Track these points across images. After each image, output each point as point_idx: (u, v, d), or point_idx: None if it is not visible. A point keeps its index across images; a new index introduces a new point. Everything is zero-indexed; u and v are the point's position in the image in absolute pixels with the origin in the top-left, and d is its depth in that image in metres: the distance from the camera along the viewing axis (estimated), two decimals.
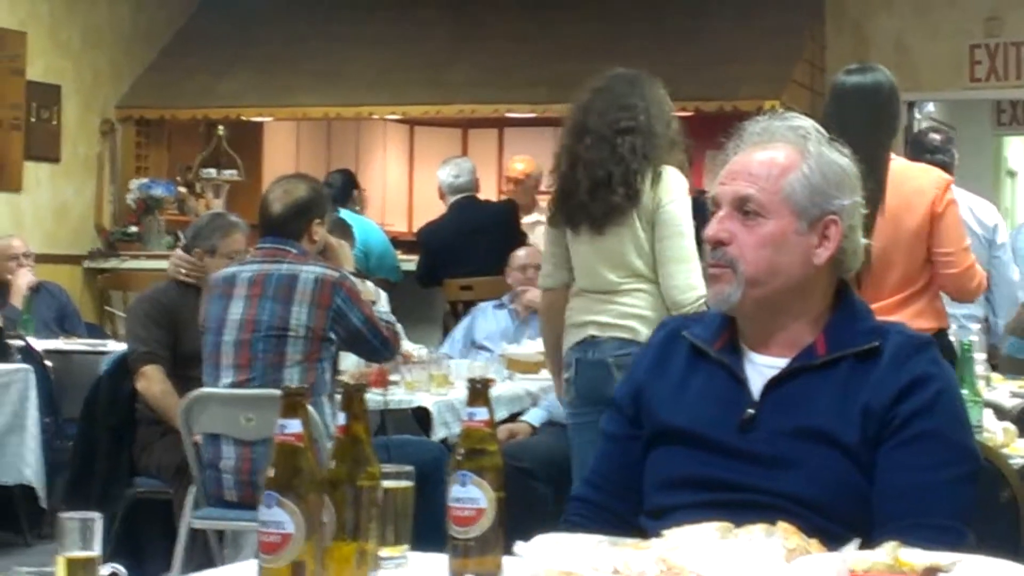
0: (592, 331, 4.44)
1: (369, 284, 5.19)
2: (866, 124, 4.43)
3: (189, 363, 5.34)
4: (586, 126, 4.55)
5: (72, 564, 1.99)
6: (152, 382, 5.44)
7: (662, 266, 4.39)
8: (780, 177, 2.40)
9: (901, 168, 4.56)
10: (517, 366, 6.46)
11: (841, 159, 2.45)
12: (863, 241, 2.47)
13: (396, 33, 11.02)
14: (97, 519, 2.01)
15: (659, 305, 4.38)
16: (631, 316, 4.41)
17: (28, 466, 6.47)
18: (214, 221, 5.90)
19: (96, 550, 2.01)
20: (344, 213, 7.96)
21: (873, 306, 4.32)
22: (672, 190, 4.44)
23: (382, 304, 6.34)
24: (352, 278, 4.99)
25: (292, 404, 1.96)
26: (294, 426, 1.95)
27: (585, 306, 4.50)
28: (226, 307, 4.91)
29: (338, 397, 4.81)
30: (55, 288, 8.45)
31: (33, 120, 10.12)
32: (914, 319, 4.38)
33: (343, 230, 6.47)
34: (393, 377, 5.91)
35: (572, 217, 4.54)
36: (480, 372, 5.88)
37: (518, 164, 9.05)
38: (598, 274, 4.47)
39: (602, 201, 4.45)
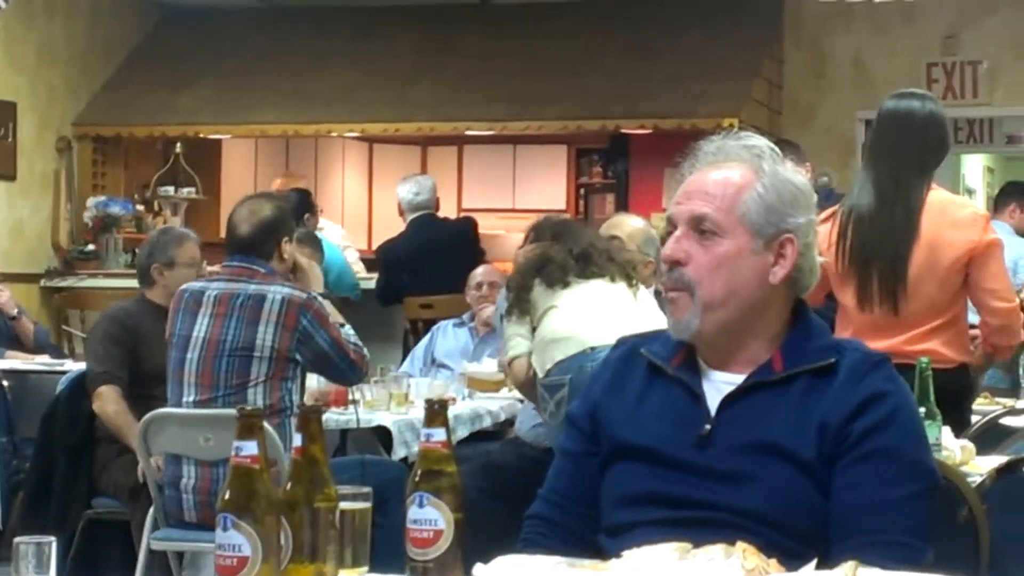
0: None
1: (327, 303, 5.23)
2: (896, 148, 4.53)
3: (151, 382, 5.32)
4: (553, 260, 5.10)
5: None
6: (106, 402, 5.41)
7: None
8: (735, 196, 2.41)
9: (941, 199, 4.60)
10: (477, 384, 6.45)
11: (796, 177, 2.46)
12: (819, 259, 2.48)
13: (355, 51, 11.01)
14: (52, 543, 1.99)
15: None
16: None
17: None
18: (164, 235, 5.93)
19: (52, 574, 1.99)
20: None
21: (905, 336, 4.43)
22: None
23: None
24: (320, 300, 4.98)
25: (248, 426, 1.94)
26: (250, 448, 1.93)
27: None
28: (192, 324, 4.89)
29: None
30: None
31: None
32: (943, 347, 4.48)
33: (312, 244, 6.45)
34: (353, 396, 5.89)
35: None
36: (440, 391, 5.88)
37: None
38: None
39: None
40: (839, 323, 4.62)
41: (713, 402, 2.40)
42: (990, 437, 4.40)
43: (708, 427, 2.38)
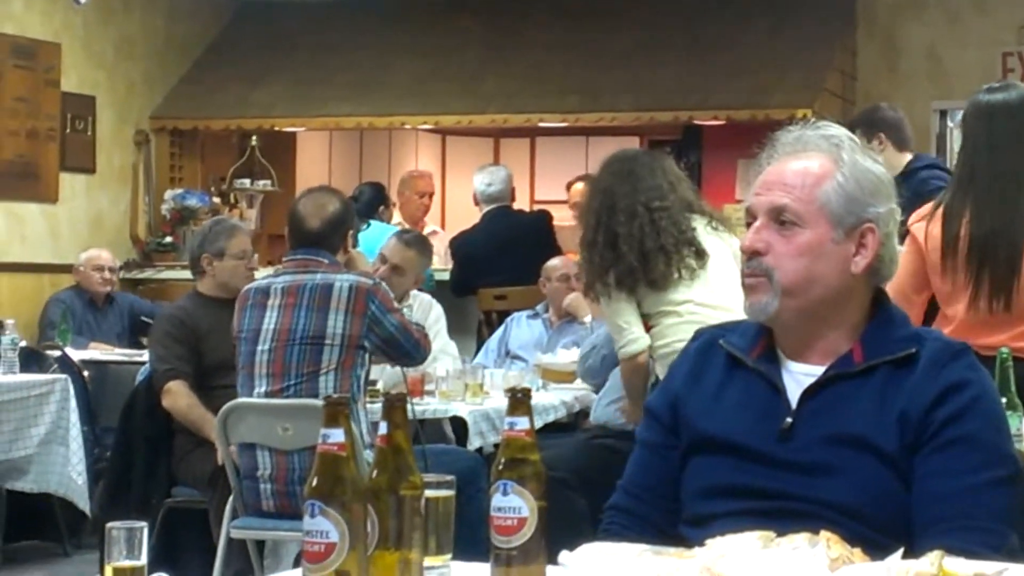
0: None
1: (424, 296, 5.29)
2: (1015, 140, 4.40)
3: (215, 374, 5.40)
4: (616, 206, 4.98)
5: (119, 574, 2.01)
6: (178, 397, 5.47)
7: None
8: (815, 186, 2.40)
9: None
10: (551, 375, 6.47)
11: (875, 167, 2.45)
12: (899, 248, 2.47)
13: (428, 43, 11.05)
14: (143, 528, 2.03)
15: None
16: None
17: (75, 475, 6.47)
18: (217, 226, 6.00)
19: (142, 559, 2.03)
20: (375, 224, 8.00)
21: (1014, 331, 4.35)
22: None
23: (432, 317, 6.40)
24: (384, 285, 5.05)
25: (334, 413, 1.96)
26: (337, 435, 1.95)
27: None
28: (261, 317, 4.94)
29: (371, 407, 4.88)
30: (123, 298, 8.62)
31: (68, 131, 10.18)
32: None
33: (420, 246, 6.42)
34: (428, 387, 5.93)
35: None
36: (514, 382, 5.90)
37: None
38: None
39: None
40: (939, 320, 4.52)
41: (793, 394, 2.40)
42: None
43: (789, 420, 2.38)
